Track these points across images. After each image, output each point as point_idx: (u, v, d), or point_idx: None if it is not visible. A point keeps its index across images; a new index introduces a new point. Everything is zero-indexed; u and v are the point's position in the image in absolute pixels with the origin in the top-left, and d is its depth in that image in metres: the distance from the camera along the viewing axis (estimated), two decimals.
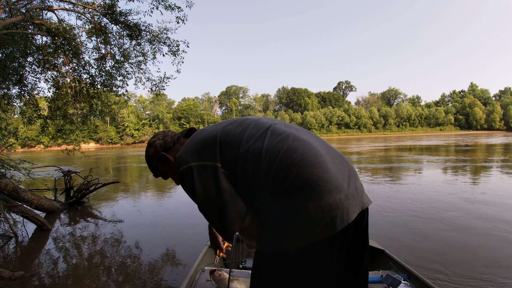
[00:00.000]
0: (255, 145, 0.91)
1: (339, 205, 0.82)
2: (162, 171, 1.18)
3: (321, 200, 0.80)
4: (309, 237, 0.81)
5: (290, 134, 0.93)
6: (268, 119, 1.04)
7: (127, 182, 10.00)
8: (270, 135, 0.93)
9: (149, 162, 1.18)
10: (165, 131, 1.22)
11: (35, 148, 59.35)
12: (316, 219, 0.80)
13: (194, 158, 0.96)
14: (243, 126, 0.99)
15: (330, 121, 77.23)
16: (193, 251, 3.39)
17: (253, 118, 1.04)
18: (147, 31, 7.08)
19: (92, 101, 7.56)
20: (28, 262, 3.41)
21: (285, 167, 0.84)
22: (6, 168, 4.58)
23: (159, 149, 1.15)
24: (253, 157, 0.89)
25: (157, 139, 1.17)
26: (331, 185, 0.82)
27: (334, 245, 0.85)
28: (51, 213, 5.54)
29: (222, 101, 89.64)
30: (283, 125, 1.00)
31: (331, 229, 0.81)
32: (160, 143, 1.15)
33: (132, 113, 72.67)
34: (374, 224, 4.12)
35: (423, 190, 6.49)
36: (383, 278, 1.82)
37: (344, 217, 0.82)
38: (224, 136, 0.97)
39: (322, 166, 0.85)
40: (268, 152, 0.88)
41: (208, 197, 0.93)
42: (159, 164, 1.16)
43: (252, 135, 0.94)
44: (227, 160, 0.93)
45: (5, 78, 6.28)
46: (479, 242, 3.48)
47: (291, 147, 0.88)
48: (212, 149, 0.95)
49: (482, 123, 74.80)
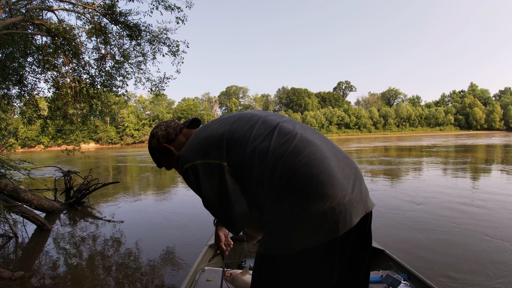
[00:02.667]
0: (261, 145, 0.90)
1: (342, 210, 0.81)
2: (165, 162, 1.18)
3: (325, 204, 0.80)
4: (311, 240, 0.81)
5: (297, 134, 0.92)
6: (276, 116, 1.03)
7: (127, 182, 10.00)
8: (277, 134, 0.92)
9: (152, 153, 1.18)
10: (168, 121, 1.20)
11: (35, 148, 59.32)
12: (319, 223, 0.80)
13: (199, 156, 0.95)
14: (250, 123, 0.98)
15: (330, 121, 77.22)
16: (193, 251, 3.39)
17: (261, 115, 1.03)
18: (147, 31, 7.09)
19: (92, 101, 7.56)
20: (28, 262, 3.41)
21: (290, 170, 0.84)
22: (6, 168, 4.58)
23: (162, 141, 1.14)
24: (259, 158, 0.89)
25: (159, 130, 1.16)
26: (335, 189, 0.82)
27: (336, 249, 0.85)
28: (51, 213, 5.54)
29: (222, 101, 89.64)
30: (291, 123, 0.99)
31: (333, 233, 0.81)
32: (162, 134, 1.15)
33: (132, 113, 72.68)
34: (377, 224, 4.12)
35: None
36: (383, 278, 1.82)
37: (347, 221, 0.82)
38: (231, 134, 0.96)
39: (327, 170, 0.84)
40: (274, 153, 0.88)
41: (215, 195, 0.93)
42: (162, 155, 1.16)
43: (259, 134, 0.93)
44: (233, 159, 0.92)
45: (5, 78, 6.28)
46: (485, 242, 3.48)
47: (297, 149, 0.87)
48: (218, 148, 0.94)
49: (482, 123, 74.78)
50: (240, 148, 0.92)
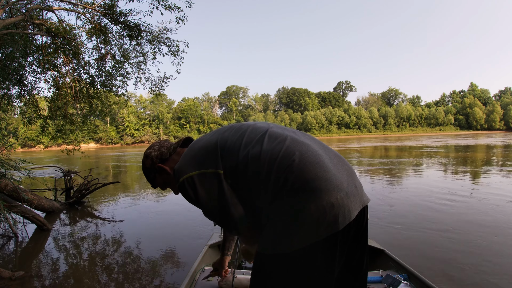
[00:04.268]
0: (253, 150, 0.92)
1: (340, 204, 0.83)
2: (160, 182, 1.19)
3: (323, 199, 0.81)
4: (312, 237, 0.82)
5: (287, 136, 0.95)
6: (264, 124, 1.07)
7: (127, 182, 10.00)
8: (268, 139, 0.94)
9: (147, 173, 1.18)
10: (161, 142, 1.22)
11: (35, 148, 59.29)
12: (319, 220, 0.81)
13: (194, 167, 0.97)
14: (240, 132, 1.01)
15: (330, 121, 77.22)
16: (193, 251, 3.39)
17: (249, 124, 1.06)
18: (147, 31, 7.08)
19: (92, 101, 7.55)
20: (28, 262, 3.41)
21: (285, 169, 0.85)
22: (6, 168, 4.57)
23: (156, 161, 1.15)
24: (253, 162, 0.91)
25: (153, 151, 1.17)
26: (331, 184, 0.83)
27: (337, 244, 0.86)
28: (51, 213, 5.54)
29: (222, 101, 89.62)
30: (279, 128, 1.02)
31: (333, 228, 0.82)
32: (156, 155, 1.16)
33: (132, 113, 72.65)
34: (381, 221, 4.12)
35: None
36: (383, 278, 1.82)
37: (346, 215, 0.84)
38: (223, 142, 0.98)
39: (321, 166, 0.86)
40: (267, 155, 0.90)
41: (213, 202, 0.96)
42: (157, 175, 1.17)
43: (250, 141, 0.96)
44: (228, 166, 0.95)
45: (5, 78, 6.28)
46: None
47: (290, 149, 0.89)
48: (212, 156, 0.97)
49: (482, 123, 74.78)
50: (233, 155, 0.95)
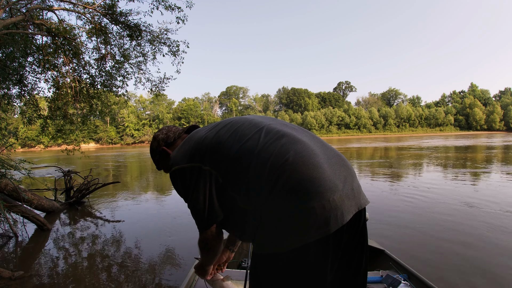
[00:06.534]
0: (246, 145, 0.92)
1: (333, 206, 0.81)
2: (164, 165, 1.22)
3: (314, 201, 0.79)
4: (302, 239, 0.81)
5: (285, 133, 0.93)
6: (264, 118, 1.05)
7: (127, 182, 10.00)
8: (264, 135, 0.93)
9: (152, 155, 1.24)
10: (170, 126, 1.26)
11: (35, 148, 59.30)
12: (310, 221, 0.80)
13: (186, 160, 0.99)
14: (237, 126, 1.00)
15: (330, 121, 77.21)
16: (193, 251, 3.39)
17: (247, 118, 1.05)
18: (147, 31, 7.08)
19: (92, 101, 7.55)
20: (28, 262, 3.41)
21: (278, 168, 0.84)
22: (6, 168, 4.58)
23: (161, 143, 1.20)
24: (245, 156, 0.90)
25: (160, 133, 1.22)
26: (324, 186, 0.81)
27: (329, 247, 0.84)
28: (51, 213, 5.54)
29: (222, 101, 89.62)
30: (279, 124, 1.00)
31: (324, 230, 0.80)
32: (162, 138, 1.21)
33: (132, 113, 72.65)
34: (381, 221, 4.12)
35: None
36: (383, 278, 1.82)
37: (339, 218, 0.81)
38: (217, 138, 0.98)
39: (316, 167, 0.84)
40: (261, 152, 0.88)
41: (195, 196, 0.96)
42: (161, 157, 1.21)
43: (244, 135, 0.95)
44: (218, 161, 0.95)
45: (5, 78, 6.28)
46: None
47: (285, 147, 0.87)
48: (202, 152, 0.98)
49: (482, 123, 74.77)
50: (225, 149, 0.95)
